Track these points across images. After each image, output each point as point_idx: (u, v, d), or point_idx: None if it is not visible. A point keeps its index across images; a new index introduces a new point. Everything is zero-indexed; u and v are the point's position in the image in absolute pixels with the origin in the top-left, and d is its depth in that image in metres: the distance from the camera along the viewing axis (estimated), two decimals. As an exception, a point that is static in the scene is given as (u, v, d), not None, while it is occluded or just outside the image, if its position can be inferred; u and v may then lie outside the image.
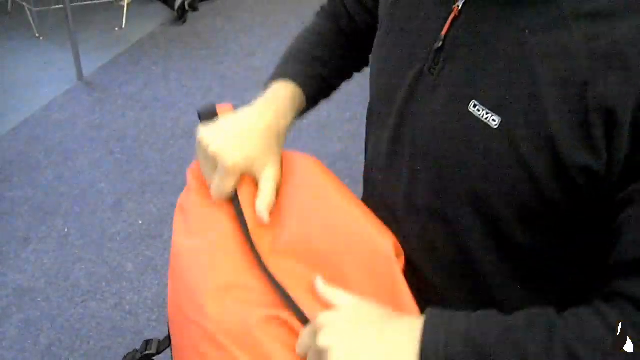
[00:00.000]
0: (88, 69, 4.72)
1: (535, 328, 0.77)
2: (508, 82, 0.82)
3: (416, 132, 0.95)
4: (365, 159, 1.17)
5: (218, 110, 1.14)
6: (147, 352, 1.19)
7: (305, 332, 0.87)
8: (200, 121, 1.12)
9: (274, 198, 1.06)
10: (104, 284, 3.11)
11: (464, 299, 0.99)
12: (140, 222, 3.44)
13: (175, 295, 1.08)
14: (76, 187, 3.67)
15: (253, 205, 1.05)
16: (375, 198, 1.09)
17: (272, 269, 0.97)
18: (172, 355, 1.17)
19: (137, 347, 2.61)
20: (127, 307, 2.99)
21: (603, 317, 0.76)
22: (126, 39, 5.27)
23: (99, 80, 4.65)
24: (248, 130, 1.07)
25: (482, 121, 0.83)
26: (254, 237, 1.02)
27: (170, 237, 2.42)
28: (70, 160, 3.88)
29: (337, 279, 0.95)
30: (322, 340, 0.81)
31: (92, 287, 3.09)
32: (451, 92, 0.89)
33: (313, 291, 0.94)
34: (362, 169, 1.20)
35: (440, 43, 0.91)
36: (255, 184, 1.07)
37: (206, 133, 1.07)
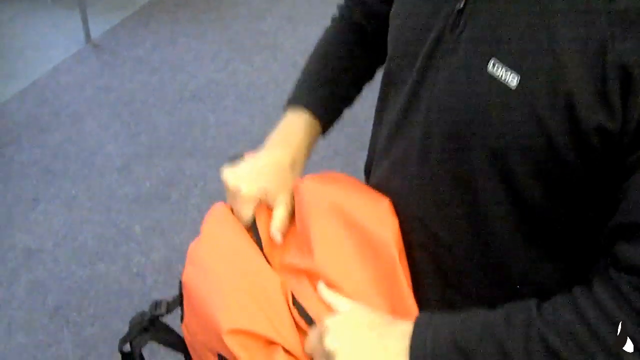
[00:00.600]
0: (96, 32, 4.71)
1: (514, 324, 0.82)
2: (528, 40, 0.81)
3: (434, 91, 0.94)
4: (378, 115, 1.17)
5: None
6: (156, 313, 1.19)
7: (312, 334, 0.95)
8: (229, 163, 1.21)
9: (286, 221, 1.14)
10: (111, 245, 3.12)
11: (470, 257, 0.99)
12: (148, 185, 3.44)
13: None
14: (84, 150, 3.67)
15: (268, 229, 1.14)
16: (387, 154, 1.09)
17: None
18: (181, 315, 1.17)
19: (145, 309, 2.62)
20: (135, 269, 3.00)
21: (576, 306, 0.80)
22: (134, 2, 5.25)
23: (107, 43, 4.64)
24: (262, 166, 1.16)
25: (502, 82, 0.83)
26: (268, 256, 1.10)
27: (177, 201, 2.39)
28: (79, 122, 3.88)
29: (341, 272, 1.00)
30: (329, 344, 0.89)
31: (100, 248, 3.10)
32: (471, 51, 0.88)
33: (318, 296, 1.00)
34: (369, 133, 1.21)
35: (462, 4, 0.91)
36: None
37: (228, 172, 1.16)
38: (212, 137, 3.75)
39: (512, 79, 0.82)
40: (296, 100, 1.27)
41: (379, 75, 1.17)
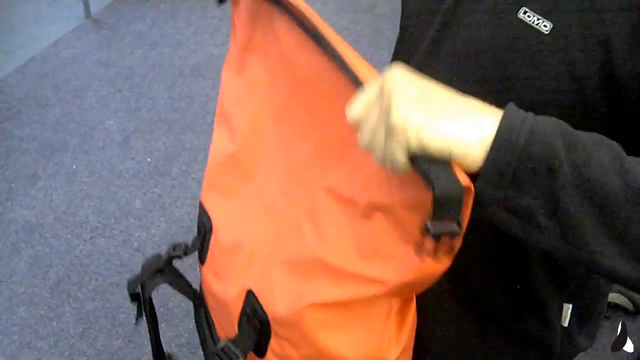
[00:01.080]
0: (96, 6, 4.68)
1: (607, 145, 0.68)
2: None
3: (457, 43, 0.93)
4: None
5: None
6: (174, 254, 1.17)
7: (364, 91, 0.73)
8: None
9: None
10: (112, 220, 3.12)
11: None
12: (149, 160, 3.44)
13: None
14: (84, 125, 3.66)
15: None
16: None
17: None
18: (202, 256, 1.17)
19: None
20: (135, 243, 3.01)
21: None
22: (134, -24, 5.22)
23: (106, 17, 4.62)
24: None
25: (533, 27, 0.81)
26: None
27: (178, 175, 2.38)
28: (79, 97, 3.87)
29: None
30: (388, 82, 0.69)
31: (101, 223, 3.11)
32: (499, 1, 0.86)
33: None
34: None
35: None
36: None
37: None
38: (212, 111, 3.74)
39: (544, 26, 0.81)
40: None
41: (382, 54, 1.15)
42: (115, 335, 2.64)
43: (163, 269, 1.17)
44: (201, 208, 1.18)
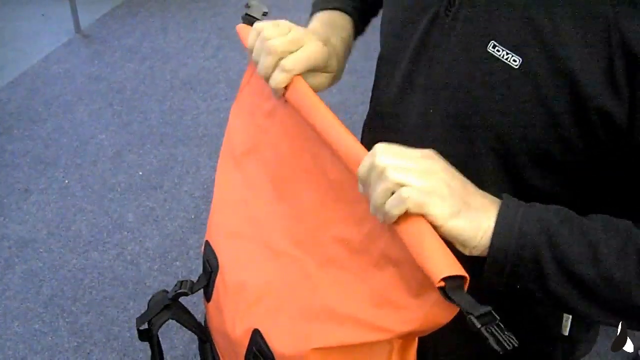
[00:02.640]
0: (85, 21, 4.69)
1: (612, 231, 0.79)
2: (528, 22, 0.80)
3: (430, 76, 0.94)
4: (370, 107, 1.16)
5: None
6: (180, 291, 1.18)
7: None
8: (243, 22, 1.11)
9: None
10: (105, 234, 3.12)
11: None
12: (141, 173, 3.45)
13: None
14: (76, 139, 3.67)
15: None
16: (383, 136, 1.08)
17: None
18: (208, 293, 1.18)
19: (139, 297, 2.64)
20: (129, 257, 3.01)
21: None
22: (124, -9, 5.23)
23: (96, 32, 4.63)
24: (324, 39, 1.05)
25: (503, 61, 0.82)
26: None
27: (170, 188, 2.37)
28: (70, 112, 3.87)
29: None
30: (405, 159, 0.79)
31: (94, 237, 3.11)
32: (469, 33, 0.87)
33: None
34: (361, 119, 1.19)
35: None
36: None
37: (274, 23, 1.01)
38: (203, 124, 3.75)
39: (514, 60, 0.81)
40: (331, 3, 1.18)
41: (371, 66, 1.16)
42: (109, 349, 2.64)
43: (170, 305, 1.19)
44: (207, 246, 1.20)
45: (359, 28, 1.23)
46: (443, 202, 0.76)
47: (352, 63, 0.94)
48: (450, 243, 0.77)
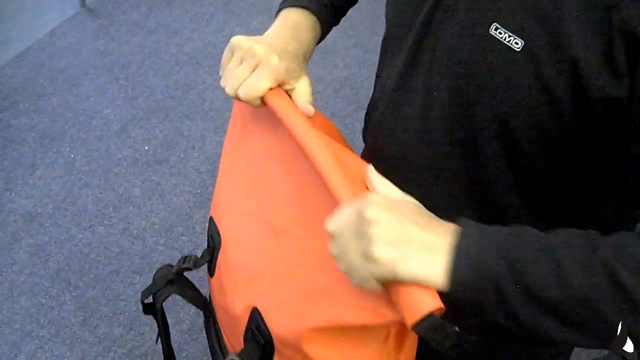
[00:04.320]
0: (91, -5, 4.68)
1: (575, 246, 0.74)
2: (531, 5, 0.80)
3: (433, 58, 0.93)
4: (375, 89, 1.16)
5: None
6: (184, 266, 1.20)
7: (347, 207, 0.82)
8: None
9: (311, 97, 1.07)
10: (111, 209, 3.13)
11: (466, 215, 0.99)
12: (146, 148, 3.44)
13: None
14: (82, 114, 3.67)
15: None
16: (384, 127, 1.09)
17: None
18: (211, 269, 1.19)
19: (145, 271, 2.65)
20: (135, 231, 3.02)
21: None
22: (129, -36, 5.20)
23: (102, 6, 4.60)
24: (283, 49, 1.06)
25: (505, 44, 0.82)
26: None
27: (176, 163, 2.37)
28: (75, 87, 3.87)
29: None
30: (370, 212, 0.77)
31: (100, 212, 3.12)
32: (471, 15, 0.87)
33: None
34: (368, 94, 1.19)
35: None
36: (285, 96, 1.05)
37: (248, 39, 1.05)
38: (209, 99, 3.74)
39: (516, 43, 0.81)
40: (295, 3, 1.19)
41: (378, 41, 1.16)
42: (116, 323, 2.65)
43: (174, 279, 1.20)
44: (212, 222, 1.20)
45: (328, 25, 1.23)
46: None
47: (358, 38, 0.93)
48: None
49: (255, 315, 1.01)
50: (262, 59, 1.01)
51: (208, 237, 1.21)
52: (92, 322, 2.66)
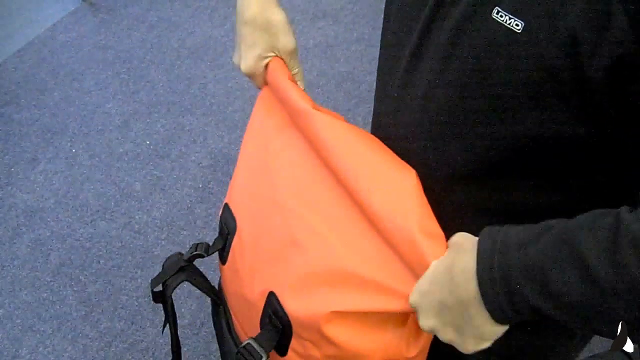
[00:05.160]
0: (92, -10, 4.67)
1: (596, 228, 0.73)
2: None
3: (438, 46, 0.94)
4: (378, 79, 1.16)
5: None
6: (195, 253, 1.21)
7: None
8: None
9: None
10: (112, 203, 3.13)
11: (479, 211, 1.00)
12: (148, 142, 3.44)
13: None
14: (83, 108, 3.66)
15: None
16: (388, 117, 1.09)
17: None
18: (223, 256, 1.19)
19: (147, 266, 2.65)
20: (136, 226, 3.02)
21: None
22: (131, -41, 5.19)
23: (103, 1, 4.59)
24: (247, 33, 1.23)
25: (506, 26, 0.82)
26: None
27: (177, 157, 2.37)
28: (77, 81, 3.86)
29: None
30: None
31: (101, 206, 3.12)
32: (474, 1, 0.87)
33: None
34: (369, 89, 1.19)
35: None
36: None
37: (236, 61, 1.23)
38: (210, 93, 3.74)
39: (516, 25, 0.81)
40: None
41: (380, 35, 1.16)
42: (117, 318, 2.66)
43: (184, 267, 1.20)
44: (226, 209, 1.21)
45: None
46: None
47: (360, 32, 0.93)
48: None
49: (271, 299, 1.02)
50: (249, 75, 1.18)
51: (221, 224, 1.22)
52: (94, 317, 2.66)
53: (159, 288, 1.21)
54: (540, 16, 0.79)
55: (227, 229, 1.19)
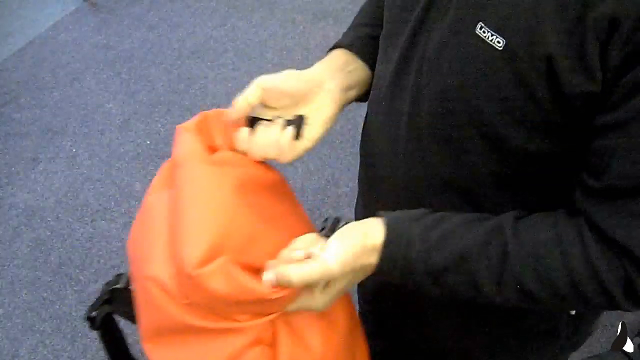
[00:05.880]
0: (93, -11, 4.67)
1: (489, 256, 0.87)
2: (513, 4, 0.81)
3: (424, 55, 0.95)
4: (373, 85, 1.16)
5: None
6: (115, 286, 1.22)
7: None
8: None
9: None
10: (112, 203, 3.13)
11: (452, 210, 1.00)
12: (148, 142, 3.44)
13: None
14: (83, 108, 3.67)
15: None
16: (377, 122, 1.10)
17: None
18: None
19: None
20: (136, 226, 3.01)
21: (562, 245, 0.84)
22: (131, -42, 5.19)
23: (104, 0, 4.60)
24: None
25: (488, 43, 0.83)
26: None
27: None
28: (77, 81, 3.86)
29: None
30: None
31: (101, 206, 3.12)
32: (460, 14, 0.88)
33: None
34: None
35: None
36: None
37: None
38: (211, 94, 3.74)
39: (497, 42, 0.82)
40: (343, 40, 1.22)
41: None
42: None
43: (110, 299, 1.26)
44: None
45: (372, 57, 1.21)
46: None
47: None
48: None
49: None
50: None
51: None
52: (94, 317, 2.66)
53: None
54: (519, 35, 0.80)
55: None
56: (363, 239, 0.91)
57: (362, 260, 0.91)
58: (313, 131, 1.08)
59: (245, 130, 1.05)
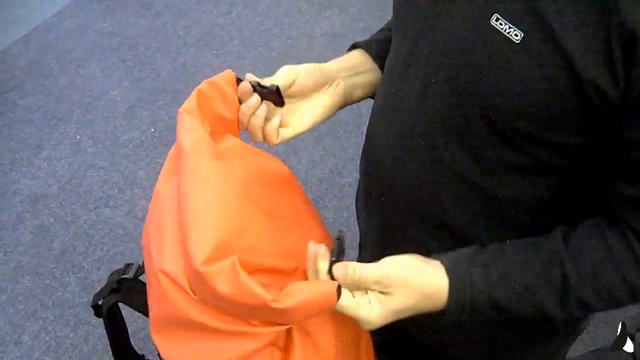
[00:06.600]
0: (99, -24, 4.66)
1: (551, 283, 0.91)
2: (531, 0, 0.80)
3: (434, 44, 0.93)
4: (388, 63, 1.16)
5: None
6: (123, 276, 1.22)
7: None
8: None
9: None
10: (116, 190, 3.13)
11: (469, 217, 1.00)
12: (152, 130, 3.44)
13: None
14: (88, 95, 3.66)
15: None
16: (385, 114, 1.08)
17: None
18: None
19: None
20: (140, 213, 3.02)
21: (615, 261, 0.88)
22: (137, -55, 5.18)
23: (109, -13, 4.60)
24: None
25: (505, 35, 0.81)
26: None
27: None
28: (82, 67, 3.86)
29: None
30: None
31: (105, 193, 3.12)
32: (473, 4, 0.86)
33: None
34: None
35: None
36: None
37: None
38: (216, 82, 3.73)
39: (515, 35, 0.81)
40: (361, 42, 1.27)
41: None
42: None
43: (117, 288, 1.28)
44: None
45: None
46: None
47: (367, 23, 0.92)
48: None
49: None
50: None
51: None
52: (96, 304, 2.67)
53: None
54: (539, 32, 0.79)
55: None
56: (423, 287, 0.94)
57: (425, 290, 0.93)
58: (300, 123, 1.11)
59: (255, 99, 1.05)
